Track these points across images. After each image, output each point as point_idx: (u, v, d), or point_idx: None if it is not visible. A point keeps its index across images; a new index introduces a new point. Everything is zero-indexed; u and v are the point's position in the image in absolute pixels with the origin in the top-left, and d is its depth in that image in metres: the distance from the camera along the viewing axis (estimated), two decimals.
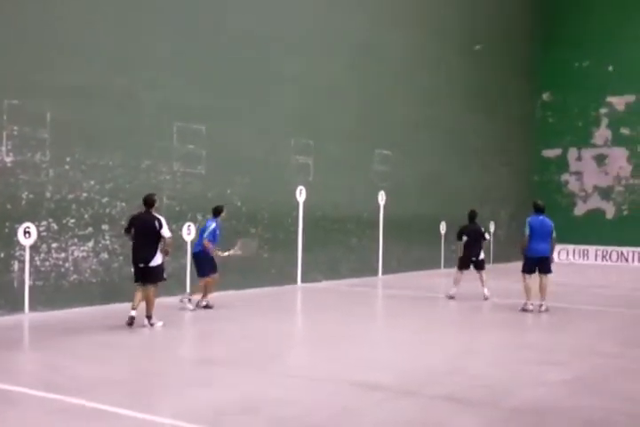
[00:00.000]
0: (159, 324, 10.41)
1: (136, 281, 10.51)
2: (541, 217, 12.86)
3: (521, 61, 26.94)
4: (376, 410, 6.35)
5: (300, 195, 16.90)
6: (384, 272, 19.53)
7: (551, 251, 12.88)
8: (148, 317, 10.41)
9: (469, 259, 14.42)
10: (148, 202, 10.54)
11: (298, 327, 11.80)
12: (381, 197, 19.57)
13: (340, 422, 5.94)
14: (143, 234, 10.31)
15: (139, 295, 10.37)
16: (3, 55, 11.14)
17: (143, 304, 10.43)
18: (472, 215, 14.81)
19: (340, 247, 18.01)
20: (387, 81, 19.68)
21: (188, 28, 14.15)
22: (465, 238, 14.43)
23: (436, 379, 7.57)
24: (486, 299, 14.07)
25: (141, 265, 10.30)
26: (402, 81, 20.28)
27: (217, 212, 12.52)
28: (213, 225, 12.30)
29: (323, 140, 17.40)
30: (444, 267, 21.78)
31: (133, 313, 10.23)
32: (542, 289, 12.72)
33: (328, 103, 17.63)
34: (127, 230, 10.55)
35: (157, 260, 10.38)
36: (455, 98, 22.63)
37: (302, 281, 16.87)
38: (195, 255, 12.55)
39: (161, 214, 10.87)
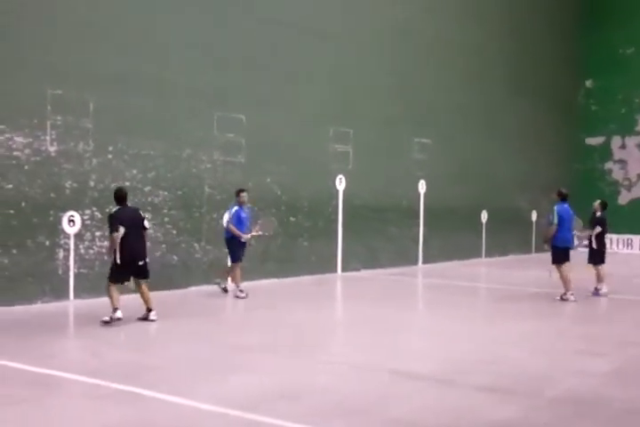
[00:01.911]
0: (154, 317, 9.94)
1: (123, 281, 9.79)
2: (566, 205, 12.80)
3: (564, 48, 26.51)
4: (416, 398, 6.37)
5: (340, 183, 16.90)
6: (424, 261, 19.47)
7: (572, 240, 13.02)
8: (150, 310, 9.96)
9: (604, 252, 13.59)
10: (125, 196, 9.87)
11: (338, 316, 11.85)
12: (421, 186, 19.49)
13: (379, 410, 5.97)
14: (135, 230, 9.71)
15: (117, 295, 9.64)
16: (46, 46, 11.31)
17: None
18: (605, 205, 13.84)
19: (380, 236, 17.98)
20: (426, 68, 19.54)
21: (229, 18, 14.20)
22: (599, 229, 13.45)
23: (476, 368, 7.56)
24: (603, 295, 13.40)
25: (141, 263, 9.79)
26: (442, 68, 20.11)
27: (236, 195, 12.66)
28: (235, 208, 12.44)
29: (362, 129, 17.37)
30: (485, 256, 21.66)
31: (119, 314, 9.55)
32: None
33: (367, 92, 17.57)
34: (116, 229, 9.54)
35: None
36: (496, 84, 22.37)
37: (342, 270, 16.92)
38: (226, 241, 12.67)
39: (198, 203, 10.97)
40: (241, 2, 14.48)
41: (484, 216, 21.78)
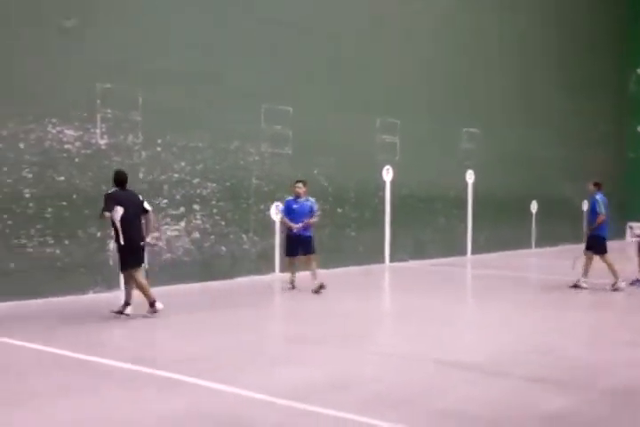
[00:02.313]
0: (161, 306, 9.58)
1: (136, 265, 9.60)
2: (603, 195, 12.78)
3: (613, 35, 25.95)
4: (464, 389, 6.33)
5: (387, 174, 16.84)
6: (472, 252, 19.31)
7: None
8: (154, 302, 9.57)
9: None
10: (125, 180, 9.61)
11: (385, 306, 11.83)
12: (469, 176, 19.31)
13: (428, 401, 5.95)
14: (134, 212, 9.48)
15: (131, 287, 9.61)
16: (94, 41, 11.46)
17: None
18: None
19: (427, 227, 17.88)
20: (473, 58, 19.32)
21: (273, 11, 14.21)
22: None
23: (526, 359, 7.47)
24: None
25: (142, 243, 9.60)
26: (489, 57, 19.86)
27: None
28: (288, 199, 12.47)
29: (409, 120, 17.26)
30: (535, 247, 21.40)
31: (129, 310, 9.53)
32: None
33: (414, 82, 17.45)
34: (110, 209, 9.28)
35: None
36: (544, 73, 22.02)
37: (389, 260, 16.87)
38: (297, 236, 12.22)
39: (246, 195, 11.01)
40: None
41: (534, 206, 21.50)
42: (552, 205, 21.78)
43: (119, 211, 9.30)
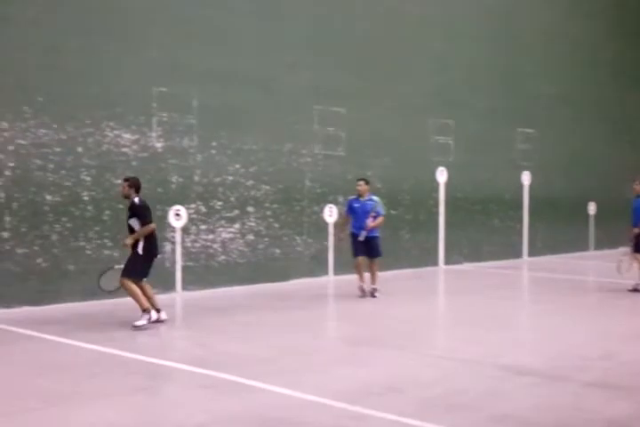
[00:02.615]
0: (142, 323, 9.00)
1: (142, 277, 9.20)
2: None
3: None
4: (525, 394, 6.21)
5: (441, 175, 16.69)
6: (529, 254, 19.00)
7: None
8: (158, 309, 9.25)
9: None
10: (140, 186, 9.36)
11: (441, 309, 11.72)
12: (525, 177, 19.02)
13: (485, 405, 5.85)
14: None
15: (141, 292, 9.08)
16: (150, 45, 11.61)
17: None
18: None
19: (483, 229, 17.66)
20: (528, 56, 19.02)
21: (325, 10, 14.21)
22: None
23: (586, 364, 7.31)
24: None
25: (159, 256, 9.46)
26: (543, 55, 19.52)
27: None
28: (350, 198, 12.11)
29: (463, 120, 17.08)
30: (594, 249, 20.97)
31: (164, 315, 9.21)
32: None
33: (468, 82, 17.27)
34: (151, 220, 9.11)
35: None
36: (601, 70, 21.55)
37: (444, 263, 16.72)
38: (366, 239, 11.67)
39: (299, 196, 10.98)
40: None
41: (592, 208, 21.08)
42: (611, 206, 21.28)
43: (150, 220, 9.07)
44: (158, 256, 9.44)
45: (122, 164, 11.33)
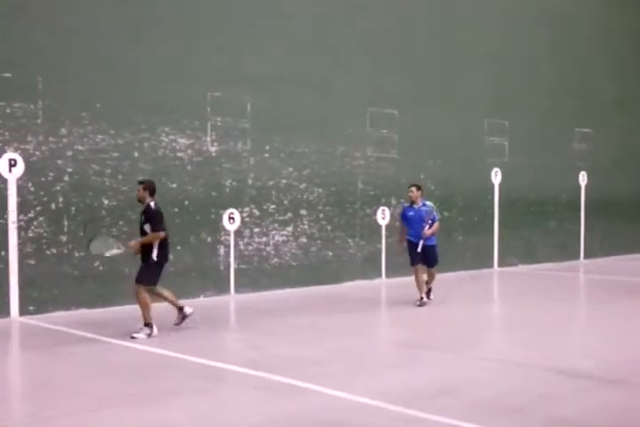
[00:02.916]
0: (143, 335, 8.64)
1: (156, 283, 8.95)
2: None
3: None
4: (581, 398, 6.12)
5: (496, 177, 16.53)
6: (585, 256, 18.69)
7: None
8: (182, 307, 9.12)
9: None
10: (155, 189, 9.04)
11: (495, 312, 11.60)
12: (582, 178, 18.71)
13: (541, 409, 5.78)
14: (166, 228, 8.90)
15: (150, 304, 8.78)
16: (205, 50, 11.76)
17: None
18: None
19: (538, 230, 17.43)
20: (585, 55, 18.70)
21: (379, 12, 14.21)
22: None
23: None
24: None
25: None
26: (601, 54, 19.17)
27: None
28: (404, 206, 11.58)
29: (518, 120, 16.89)
30: None
31: (156, 331, 8.67)
32: None
33: (523, 81, 17.06)
34: (164, 227, 8.78)
35: None
36: None
37: (498, 265, 16.55)
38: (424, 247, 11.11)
39: (352, 199, 10.96)
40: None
41: None
42: None
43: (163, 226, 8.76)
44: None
45: (177, 168, 11.51)
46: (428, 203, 11.36)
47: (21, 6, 10.03)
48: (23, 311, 9.97)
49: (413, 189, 11.21)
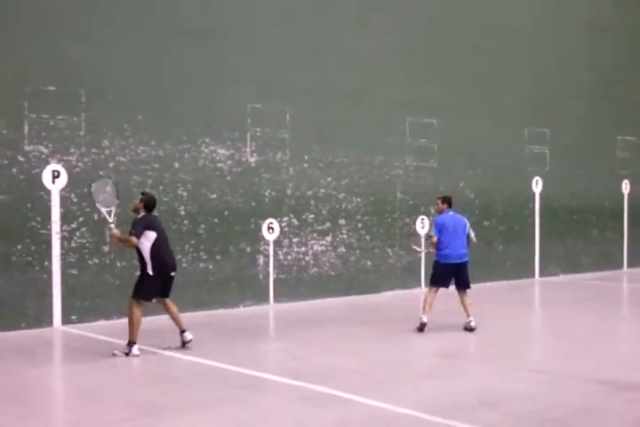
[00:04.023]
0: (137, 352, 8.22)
1: (152, 298, 8.42)
2: None
3: None
4: (623, 410, 6.02)
5: (537, 185, 16.38)
6: (629, 265, 18.39)
7: None
8: (184, 330, 8.53)
9: None
10: (155, 204, 8.69)
11: (537, 322, 11.47)
12: (625, 186, 18.44)
13: (583, 421, 5.70)
14: (165, 239, 8.43)
15: (141, 320, 8.34)
16: (244, 62, 11.86)
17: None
18: None
19: (580, 239, 17.20)
20: (625, 62, 18.44)
21: (416, 21, 14.21)
22: None
23: None
24: None
25: (173, 274, 8.49)
26: None
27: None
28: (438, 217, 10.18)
29: (559, 128, 16.73)
30: None
31: (137, 350, 8.18)
32: None
33: (563, 88, 16.90)
34: (138, 234, 8.22)
35: None
36: None
37: (539, 275, 16.37)
38: (467, 263, 10.09)
39: (391, 208, 10.87)
40: (432, 4, 14.45)
41: None
42: None
43: (150, 236, 8.27)
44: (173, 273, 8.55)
45: (217, 178, 11.61)
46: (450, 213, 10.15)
47: (64, 19, 10.22)
48: (66, 320, 10.12)
49: (439, 201, 10.22)
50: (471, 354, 8.29)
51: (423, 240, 10.59)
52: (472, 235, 10.13)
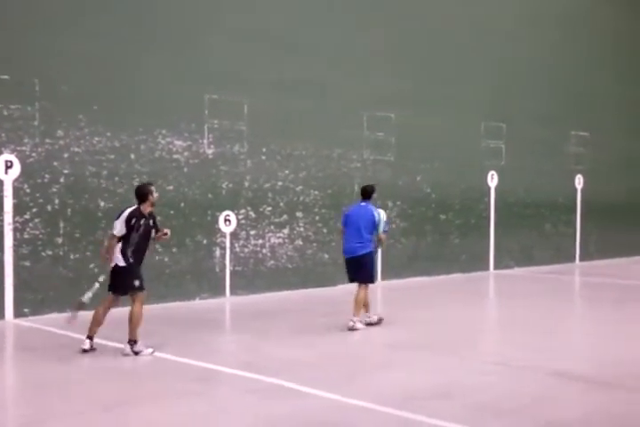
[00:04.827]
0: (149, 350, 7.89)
1: (140, 289, 8.12)
2: None
3: None
4: (575, 401, 6.14)
5: (492, 180, 16.56)
6: (581, 259, 18.73)
7: None
8: (133, 341, 7.90)
9: None
10: (138, 195, 8.19)
11: (491, 314, 11.62)
12: (578, 181, 18.75)
13: (534, 412, 5.79)
14: (146, 233, 8.06)
15: (101, 311, 8.12)
16: (202, 53, 11.77)
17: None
18: None
19: (534, 233, 17.46)
20: (583, 58, 18.74)
21: (375, 15, 14.23)
22: None
23: (638, 372, 7.18)
24: None
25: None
26: (599, 58, 19.23)
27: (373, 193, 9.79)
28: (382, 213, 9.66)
29: (515, 123, 16.92)
30: None
31: (88, 345, 7.94)
32: None
33: (520, 84, 17.09)
34: (131, 230, 7.90)
35: None
36: None
37: (494, 268, 16.57)
38: (363, 257, 9.55)
39: (348, 202, 10.92)
40: (386, 5, 14.50)
41: None
42: None
43: (139, 231, 7.95)
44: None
45: (173, 170, 11.51)
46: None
47: (19, 8, 10.03)
48: (18, 313, 9.96)
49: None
50: (426, 345, 8.36)
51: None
52: (381, 229, 9.45)
